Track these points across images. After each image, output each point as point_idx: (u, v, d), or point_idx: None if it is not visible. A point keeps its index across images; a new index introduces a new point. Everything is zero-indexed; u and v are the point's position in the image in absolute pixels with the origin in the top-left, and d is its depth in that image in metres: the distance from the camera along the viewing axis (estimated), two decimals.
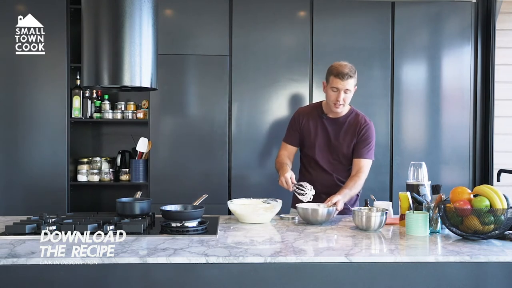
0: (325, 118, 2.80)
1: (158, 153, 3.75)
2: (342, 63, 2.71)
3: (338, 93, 2.67)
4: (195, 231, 2.14)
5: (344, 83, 2.66)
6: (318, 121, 2.81)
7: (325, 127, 2.79)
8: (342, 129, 2.78)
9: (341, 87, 2.66)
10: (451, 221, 2.05)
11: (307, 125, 2.81)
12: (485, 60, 3.87)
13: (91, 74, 2.35)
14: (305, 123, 2.82)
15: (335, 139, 2.78)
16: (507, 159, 3.92)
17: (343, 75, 2.65)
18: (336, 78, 2.66)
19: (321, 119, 2.80)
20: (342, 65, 2.70)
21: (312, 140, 2.80)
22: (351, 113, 2.81)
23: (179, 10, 3.74)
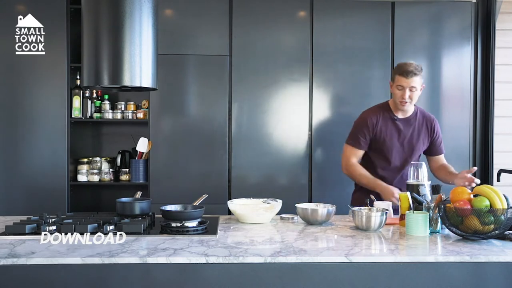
0: (397, 120, 2.84)
1: (158, 153, 3.75)
2: (407, 62, 2.78)
3: (403, 91, 2.74)
4: (195, 231, 2.14)
5: (408, 81, 2.72)
6: (391, 123, 2.84)
7: (399, 128, 2.84)
8: (416, 128, 2.86)
9: (405, 85, 2.72)
10: (451, 221, 2.05)
11: (381, 129, 2.83)
12: (485, 60, 3.87)
13: (91, 74, 2.35)
14: (379, 127, 2.84)
15: (410, 138, 2.84)
16: (507, 159, 3.92)
17: (407, 73, 2.71)
18: (401, 76, 2.73)
19: (394, 121, 2.84)
20: (407, 64, 2.76)
21: (388, 142, 2.83)
22: (417, 111, 2.89)
23: (179, 10, 3.74)
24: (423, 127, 2.87)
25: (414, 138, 2.85)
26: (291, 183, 3.77)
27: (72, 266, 1.72)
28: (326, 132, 3.78)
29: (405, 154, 2.85)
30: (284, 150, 3.77)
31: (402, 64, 2.77)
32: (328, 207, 2.43)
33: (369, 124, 2.83)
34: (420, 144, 2.86)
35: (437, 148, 2.93)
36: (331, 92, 3.79)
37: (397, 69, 2.79)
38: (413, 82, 2.72)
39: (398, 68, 2.78)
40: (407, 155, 2.85)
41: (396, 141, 2.83)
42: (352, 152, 2.86)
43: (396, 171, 2.87)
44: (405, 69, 2.73)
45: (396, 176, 2.88)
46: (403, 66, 2.76)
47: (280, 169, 3.78)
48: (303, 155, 3.76)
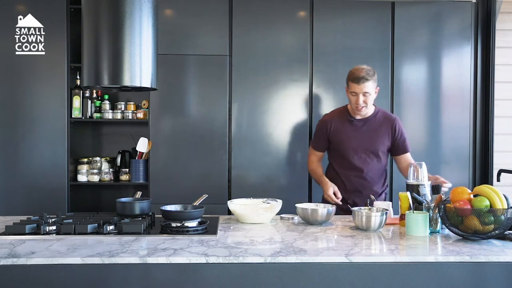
0: (355, 120, 2.87)
1: (158, 153, 3.75)
2: (359, 67, 2.80)
3: (357, 97, 2.77)
4: (195, 231, 2.14)
5: (361, 87, 2.75)
6: (348, 124, 2.88)
7: (357, 128, 2.86)
8: (374, 128, 2.87)
9: (358, 91, 2.76)
10: (451, 221, 2.05)
11: (337, 130, 2.88)
12: (485, 60, 3.87)
13: (91, 74, 2.35)
14: (334, 128, 2.89)
15: (367, 139, 2.86)
16: (507, 159, 3.92)
17: (359, 79, 2.74)
18: (353, 83, 2.77)
19: (351, 122, 2.88)
20: (359, 69, 2.78)
21: (346, 143, 2.86)
22: (377, 112, 2.92)
23: (179, 10, 3.74)
24: (383, 127, 2.88)
25: (372, 138, 2.86)
26: (291, 183, 3.77)
27: (72, 266, 1.72)
28: None
29: (364, 155, 2.86)
30: (284, 150, 3.77)
31: (354, 70, 2.80)
32: (328, 207, 2.43)
33: (323, 127, 2.94)
34: (379, 144, 2.87)
35: (401, 147, 2.92)
36: (331, 92, 3.78)
37: (349, 75, 2.81)
38: (365, 88, 2.76)
39: (351, 75, 2.80)
40: (366, 156, 2.86)
41: (353, 142, 2.85)
42: (311, 153, 3.04)
43: (357, 171, 2.87)
44: (356, 75, 2.75)
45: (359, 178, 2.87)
46: (354, 72, 2.78)
47: (280, 169, 3.78)
48: (303, 155, 3.76)
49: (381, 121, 2.89)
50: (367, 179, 2.87)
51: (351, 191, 2.87)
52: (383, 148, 2.89)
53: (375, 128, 2.87)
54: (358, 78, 2.74)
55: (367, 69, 2.78)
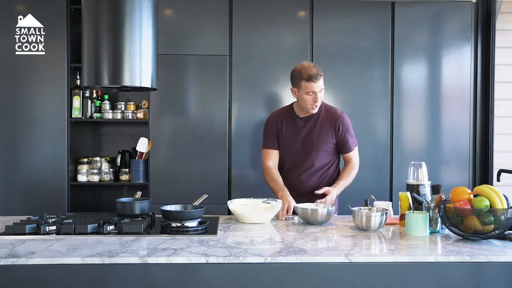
0: (298, 119, 2.80)
1: (158, 153, 3.75)
2: (306, 65, 2.68)
3: (315, 95, 2.67)
4: (195, 231, 2.14)
5: (318, 84, 2.65)
6: (292, 123, 2.81)
7: (299, 128, 2.80)
8: (317, 125, 2.78)
9: (316, 89, 2.65)
10: (451, 221, 2.05)
11: (282, 128, 2.82)
12: (485, 60, 3.87)
13: (91, 74, 2.35)
14: (280, 126, 2.83)
15: (310, 136, 2.77)
16: (507, 159, 3.92)
17: (315, 76, 2.63)
18: (309, 82, 2.64)
19: (294, 120, 2.80)
20: (309, 67, 2.66)
21: (288, 141, 2.80)
22: (321, 110, 2.80)
23: (179, 10, 3.74)
24: (326, 124, 2.77)
25: (314, 136, 2.76)
26: None
27: (72, 266, 1.72)
28: None
29: (306, 153, 2.77)
30: None
31: (304, 69, 2.65)
32: (328, 207, 2.43)
33: (273, 124, 2.83)
34: (320, 142, 2.76)
35: (344, 146, 2.81)
36: (331, 92, 3.78)
37: (299, 75, 2.66)
38: (321, 84, 2.66)
39: (301, 74, 2.65)
40: (308, 154, 2.77)
41: (296, 140, 2.79)
42: (265, 155, 2.85)
43: (300, 171, 2.79)
44: (311, 73, 2.63)
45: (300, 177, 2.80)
46: (306, 70, 2.64)
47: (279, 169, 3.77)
48: None
49: (324, 118, 2.78)
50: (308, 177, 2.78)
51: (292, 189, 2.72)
52: (326, 147, 2.78)
53: (317, 126, 2.77)
54: (314, 76, 2.62)
55: (313, 64, 2.68)
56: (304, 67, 2.67)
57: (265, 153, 2.87)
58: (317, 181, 2.81)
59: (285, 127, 2.81)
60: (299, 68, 2.70)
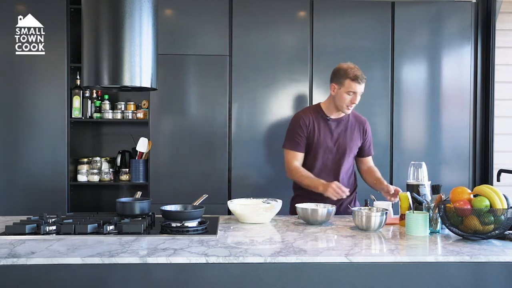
0: (330, 120, 2.81)
1: (158, 153, 3.75)
2: (352, 66, 2.73)
3: (355, 96, 2.70)
4: (195, 231, 2.14)
5: (361, 87, 2.70)
6: (323, 123, 2.80)
7: (331, 128, 2.80)
8: (348, 129, 2.82)
9: (358, 90, 2.69)
10: (451, 221, 2.05)
11: (314, 129, 2.79)
12: (485, 60, 3.88)
13: (91, 74, 2.35)
14: (311, 126, 2.79)
15: (343, 139, 2.81)
16: (507, 159, 3.92)
17: (361, 78, 2.69)
18: (354, 82, 2.68)
19: (326, 121, 2.80)
20: (355, 68, 2.71)
21: (322, 143, 2.78)
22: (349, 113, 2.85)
23: (179, 10, 3.74)
24: (355, 128, 2.84)
25: (347, 139, 2.81)
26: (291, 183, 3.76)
27: (72, 266, 1.72)
28: None
29: (338, 155, 2.80)
30: None
31: (350, 69, 2.70)
32: (328, 207, 2.43)
33: (302, 124, 2.78)
34: (352, 145, 2.82)
35: (366, 150, 2.91)
36: None
37: (345, 73, 2.69)
38: (363, 88, 2.71)
39: (347, 73, 2.69)
40: (339, 156, 2.80)
41: (329, 141, 2.79)
42: (292, 156, 2.79)
43: (331, 173, 2.80)
44: (356, 74, 2.67)
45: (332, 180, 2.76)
46: (353, 70, 2.69)
47: (280, 169, 3.76)
48: None
49: (353, 122, 2.84)
50: (339, 180, 2.79)
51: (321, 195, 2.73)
52: (354, 150, 2.85)
53: (348, 129, 2.82)
54: (360, 78, 2.68)
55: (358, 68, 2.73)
56: (351, 67, 2.72)
57: (291, 154, 2.80)
58: (347, 182, 2.84)
59: (317, 127, 2.79)
60: (345, 66, 2.74)
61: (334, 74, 2.78)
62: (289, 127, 2.86)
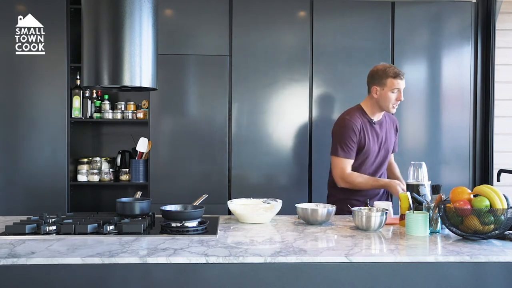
0: (375, 123, 2.84)
1: (158, 153, 3.75)
2: (387, 65, 2.80)
3: (399, 93, 2.75)
4: (195, 231, 2.14)
5: (403, 82, 2.75)
6: (371, 128, 2.82)
7: (377, 132, 2.84)
8: (387, 129, 2.89)
9: (402, 86, 2.74)
10: (451, 221, 2.05)
11: (364, 134, 2.79)
12: (485, 60, 3.87)
13: (91, 74, 2.35)
14: (362, 132, 2.79)
15: (385, 141, 2.86)
16: (507, 159, 3.92)
17: (402, 74, 2.74)
18: (396, 79, 2.72)
19: (372, 124, 2.83)
20: (392, 66, 2.77)
21: (371, 147, 2.81)
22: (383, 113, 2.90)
23: (179, 10, 3.74)
24: (392, 128, 2.92)
25: (388, 140, 2.87)
26: (291, 183, 3.77)
27: (72, 266, 1.72)
28: (326, 132, 3.76)
29: (382, 158, 2.86)
30: (284, 150, 3.77)
31: (388, 67, 2.75)
32: (328, 207, 2.42)
33: (355, 130, 2.75)
34: (392, 146, 2.91)
35: (394, 147, 3.00)
36: (331, 92, 3.79)
37: (384, 73, 2.74)
38: (404, 83, 2.77)
39: (387, 72, 2.74)
40: (383, 158, 2.86)
41: (376, 145, 2.82)
42: (347, 164, 2.75)
43: (378, 173, 2.87)
44: (396, 71, 2.73)
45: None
46: (392, 68, 2.75)
47: (280, 169, 3.78)
48: (303, 155, 3.76)
49: (389, 122, 2.92)
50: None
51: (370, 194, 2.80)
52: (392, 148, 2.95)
53: (388, 130, 2.90)
54: (401, 73, 2.73)
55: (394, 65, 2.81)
56: (388, 66, 2.77)
57: (345, 163, 2.74)
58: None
59: (366, 132, 2.80)
60: (382, 67, 2.77)
61: (373, 76, 2.80)
62: (340, 133, 2.78)
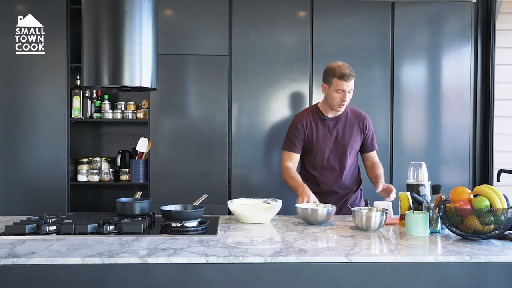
0: (327, 119, 2.83)
1: (158, 153, 3.75)
2: (340, 64, 2.75)
3: (343, 94, 2.73)
4: (195, 231, 2.14)
5: (349, 84, 2.72)
6: (321, 123, 2.84)
7: (329, 128, 2.83)
8: (346, 126, 2.84)
9: (346, 88, 2.72)
10: (451, 221, 2.05)
11: (312, 130, 2.83)
12: (485, 60, 3.87)
13: (91, 74, 2.35)
14: (309, 128, 2.83)
15: (341, 137, 2.83)
16: (507, 159, 3.92)
17: (347, 76, 2.70)
18: (341, 80, 2.71)
19: (324, 121, 2.83)
20: (343, 66, 2.73)
21: (321, 142, 2.82)
22: (348, 110, 2.88)
23: (179, 10, 3.74)
24: (355, 125, 2.86)
25: (346, 136, 2.84)
26: None
27: (72, 266, 1.72)
28: None
29: (339, 153, 2.84)
30: None
31: (337, 67, 2.73)
32: (328, 207, 2.43)
33: (299, 126, 2.83)
34: (353, 142, 2.85)
35: (368, 145, 2.93)
36: None
37: (332, 72, 2.74)
38: (352, 85, 2.73)
39: (334, 71, 2.73)
40: (340, 154, 2.84)
41: (328, 141, 2.82)
42: (287, 157, 2.86)
43: (333, 171, 2.84)
44: (343, 72, 2.70)
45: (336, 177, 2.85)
46: (340, 69, 2.71)
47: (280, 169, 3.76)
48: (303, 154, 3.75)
49: (352, 118, 2.87)
50: (342, 178, 2.84)
51: (327, 191, 2.84)
52: (356, 146, 2.88)
53: (347, 126, 2.85)
54: (347, 75, 2.70)
55: (348, 65, 2.75)
56: (338, 66, 2.74)
57: (286, 155, 2.87)
58: (350, 179, 2.87)
59: (315, 128, 2.83)
60: (333, 66, 2.77)
61: (324, 74, 2.83)
62: (288, 129, 2.92)
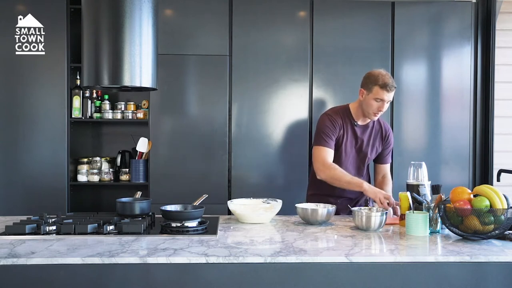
0: (357, 126, 2.79)
1: (158, 153, 3.75)
2: (383, 73, 2.67)
3: (382, 103, 2.66)
4: (195, 231, 2.14)
5: (390, 95, 2.65)
6: (350, 127, 2.78)
7: (356, 134, 2.79)
8: (371, 135, 2.82)
9: (386, 98, 2.65)
10: (451, 221, 2.05)
11: (342, 132, 2.76)
12: (485, 60, 3.87)
13: (91, 74, 2.35)
14: (342, 129, 2.76)
15: (365, 146, 2.80)
16: (507, 159, 3.92)
17: (390, 86, 2.63)
18: (383, 89, 2.63)
19: (353, 126, 2.79)
20: (386, 76, 2.66)
21: (345, 146, 2.77)
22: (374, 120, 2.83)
23: (179, 10, 3.74)
24: (378, 136, 2.83)
25: (369, 146, 2.81)
26: (291, 183, 3.77)
27: (72, 266, 1.72)
28: None
29: (359, 161, 2.82)
30: (284, 150, 3.77)
31: (382, 76, 2.64)
32: (328, 207, 2.43)
33: (335, 125, 2.74)
34: (372, 152, 2.82)
35: (384, 157, 2.89)
36: (331, 92, 3.79)
37: (375, 80, 2.65)
38: (391, 96, 2.67)
39: (377, 79, 2.64)
40: (360, 162, 2.82)
41: (353, 147, 2.79)
42: (326, 153, 2.70)
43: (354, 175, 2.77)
44: (386, 82, 2.62)
45: None
46: (383, 77, 2.63)
47: (280, 169, 3.78)
48: (303, 155, 3.76)
49: (377, 128, 2.84)
50: None
51: (339, 195, 2.77)
52: (373, 156, 2.85)
53: (373, 137, 2.82)
54: (390, 86, 2.62)
55: (390, 75, 2.68)
56: (382, 74, 2.65)
57: (324, 151, 2.70)
58: None
59: (345, 131, 2.77)
60: (376, 73, 2.68)
61: (365, 79, 2.74)
62: (320, 126, 2.77)
